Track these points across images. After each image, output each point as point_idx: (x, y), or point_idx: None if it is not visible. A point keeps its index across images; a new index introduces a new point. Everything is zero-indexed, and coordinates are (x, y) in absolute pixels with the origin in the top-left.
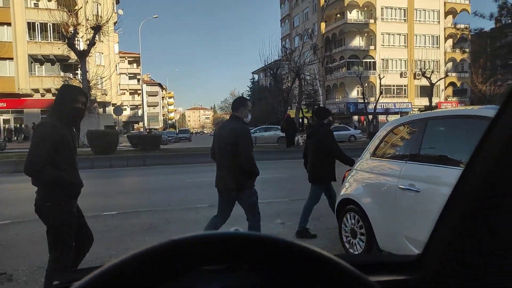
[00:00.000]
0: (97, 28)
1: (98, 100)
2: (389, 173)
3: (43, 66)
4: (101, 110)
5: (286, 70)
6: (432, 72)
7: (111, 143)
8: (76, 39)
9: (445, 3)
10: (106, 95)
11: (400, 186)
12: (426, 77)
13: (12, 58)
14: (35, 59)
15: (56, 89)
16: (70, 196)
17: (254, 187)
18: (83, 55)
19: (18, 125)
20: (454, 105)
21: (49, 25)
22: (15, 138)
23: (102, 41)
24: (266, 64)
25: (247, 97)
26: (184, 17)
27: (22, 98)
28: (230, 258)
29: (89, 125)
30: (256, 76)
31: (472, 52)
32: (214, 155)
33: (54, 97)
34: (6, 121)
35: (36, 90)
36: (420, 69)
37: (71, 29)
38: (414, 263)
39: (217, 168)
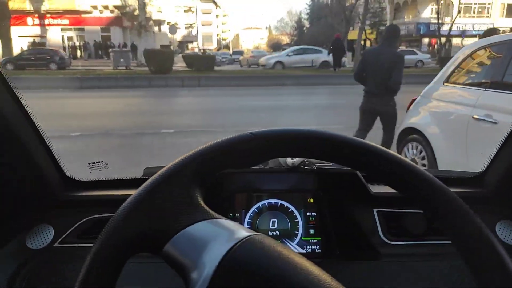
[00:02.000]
0: None
1: (154, 18)
2: (462, 102)
3: None
4: (156, 28)
5: None
6: None
7: (166, 63)
8: None
9: None
10: (161, 12)
11: (474, 116)
12: None
13: None
14: None
15: (114, 6)
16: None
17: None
18: None
19: (83, 42)
20: None
21: None
22: (80, 55)
23: None
24: None
25: (306, 16)
26: None
27: (82, 16)
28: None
29: (145, 44)
30: None
31: None
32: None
33: (112, 15)
34: (70, 38)
35: (95, 7)
36: None
37: None
38: (476, 179)
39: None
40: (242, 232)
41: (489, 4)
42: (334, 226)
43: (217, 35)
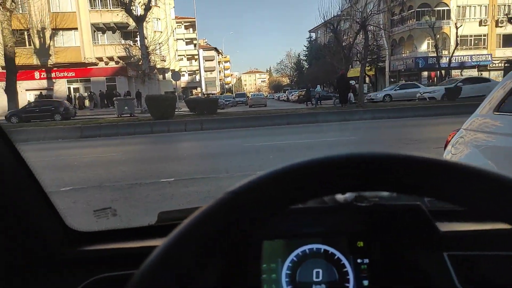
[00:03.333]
0: None
1: (158, 66)
2: None
3: (105, 35)
4: (160, 76)
5: (346, 25)
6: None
7: (169, 108)
8: (132, 4)
9: None
10: (164, 61)
11: None
12: None
13: (76, 28)
14: (97, 28)
15: (119, 57)
16: None
17: None
18: (140, 20)
19: (89, 93)
20: None
21: None
22: (86, 105)
23: (159, 6)
24: (325, 18)
25: (304, 57)
26: None
27: (88, 67)
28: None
29: (150, 92)
30: (313, 35)
31: None
32: None
33: (117, 65)
34: (76, 89)
35: (100, 59)
36: (506, 14)
37: None
38: None
39: None
40: None
41: (484, 36)
42: (392, 276)
43: (220, 79)
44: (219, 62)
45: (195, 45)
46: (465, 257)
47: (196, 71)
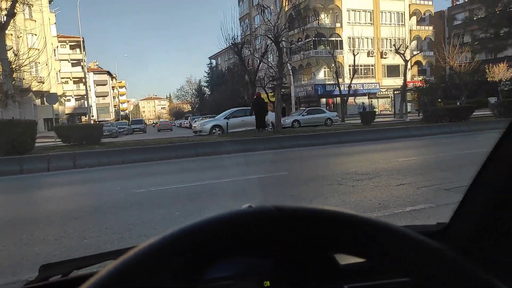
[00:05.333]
0: None
1: (34, 89)
2: None
3: None
4: (38, 101)
5: (247, 53)
6: (398, 49)
7: (24, 138)
8: None
9: None
10: (43, 83)
11: None
12: (400, 53)
13: None
14: None
15: None
16: None
17: None
18: (0, 28)
19: None
20: (419, 85)
21: None
22: None
23: (34, 20)
24: (228, 41)
25: (206, 83)
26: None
27: None
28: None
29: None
30: (214, 61)
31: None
32: None
33: None
34: None
35: None
36: (394, 45)
37: None
38: (440, 233)
39: None
40: None
41: (372, 66)
42: None
43: (115, 105)
44: (113, 87)
45: (83, 67)
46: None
47: (86, 96)
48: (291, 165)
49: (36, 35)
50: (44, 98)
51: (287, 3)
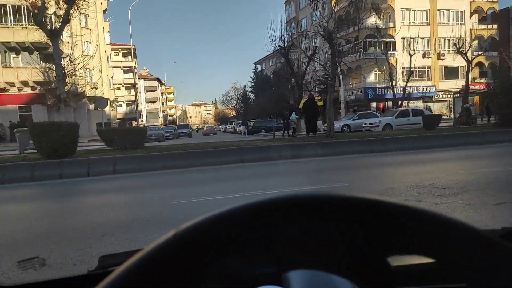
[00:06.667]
0: (70, 1)
1: (87, 94)
2: None
3: (20, 56)
4: (91, 106)
5: (293, 57)
6: (460, 48)
7: (65, 141)
8: (44, 15)
9: None
10: (96, 88)
11: None
12: (462, 53)
13: None
14: (9, 48)
15: (35, 82)
16: None
17: None
18: (54, 34)
19: None
20: (482, 87)
21: (23, 7)
22: None
23: (90, 29)
24: (274, 43)
25: (251, 88)
26: (181, 11)
27: None
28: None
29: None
30: (259, 67)
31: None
32: None
33: (32, 91)
34: None
35: (11, 84)
36: (455, 44)
37: (39, 2)
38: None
39: None
40: None
41: (428, 68)
42: None
43: (163, 111)
44: (162, 93)
45: (134, 73)
46: None
47: (137, 102)
48: (351, 175)
49: (90, 42)
50: (104, 104)
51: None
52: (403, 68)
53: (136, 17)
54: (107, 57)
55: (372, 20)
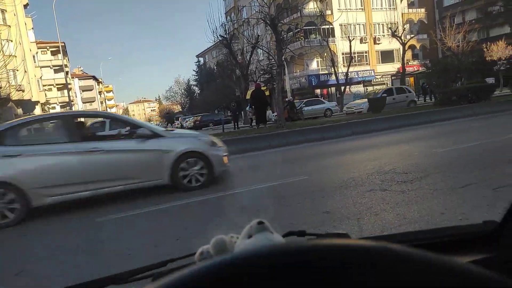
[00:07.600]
0: None
1: (14, 98)
2: None
3: None
4: (19, 110)
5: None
6: (395, 32)
7: None
8: None
9: None
10: (23, 91)
11: None
12: (397, 37)
13: None
14: None
15: None
16: None
17: None
18: None
19: None
20: (416, 69)
21: None
22: None
23: (9, 26)
24: (215, 33)
25: (195, 82)
26: (115, 5)
27: None
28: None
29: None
30: (201, 59)
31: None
32: None
33: None
34: None
35: None
36: (390, 28)
37: None
38: (487, 235)
39: None
40: None
41: (366, 52)
42: None
43: (103, 111)
44: (100, 92)
45: (67, 72)
46: None
47: (72, 102)
48: (309, 166)
49: (11, 40)
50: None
51: None
52: (343, 54)
53: (65, 13)
54: (33, 56)
55: (311, 6)
